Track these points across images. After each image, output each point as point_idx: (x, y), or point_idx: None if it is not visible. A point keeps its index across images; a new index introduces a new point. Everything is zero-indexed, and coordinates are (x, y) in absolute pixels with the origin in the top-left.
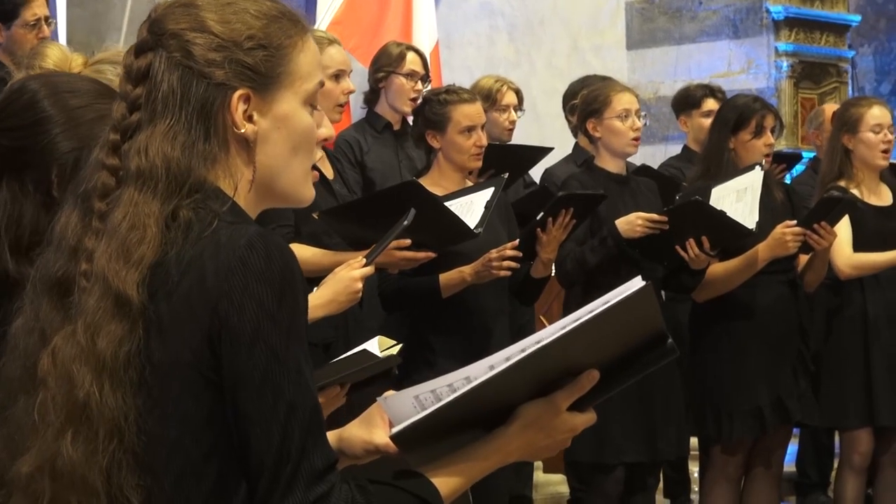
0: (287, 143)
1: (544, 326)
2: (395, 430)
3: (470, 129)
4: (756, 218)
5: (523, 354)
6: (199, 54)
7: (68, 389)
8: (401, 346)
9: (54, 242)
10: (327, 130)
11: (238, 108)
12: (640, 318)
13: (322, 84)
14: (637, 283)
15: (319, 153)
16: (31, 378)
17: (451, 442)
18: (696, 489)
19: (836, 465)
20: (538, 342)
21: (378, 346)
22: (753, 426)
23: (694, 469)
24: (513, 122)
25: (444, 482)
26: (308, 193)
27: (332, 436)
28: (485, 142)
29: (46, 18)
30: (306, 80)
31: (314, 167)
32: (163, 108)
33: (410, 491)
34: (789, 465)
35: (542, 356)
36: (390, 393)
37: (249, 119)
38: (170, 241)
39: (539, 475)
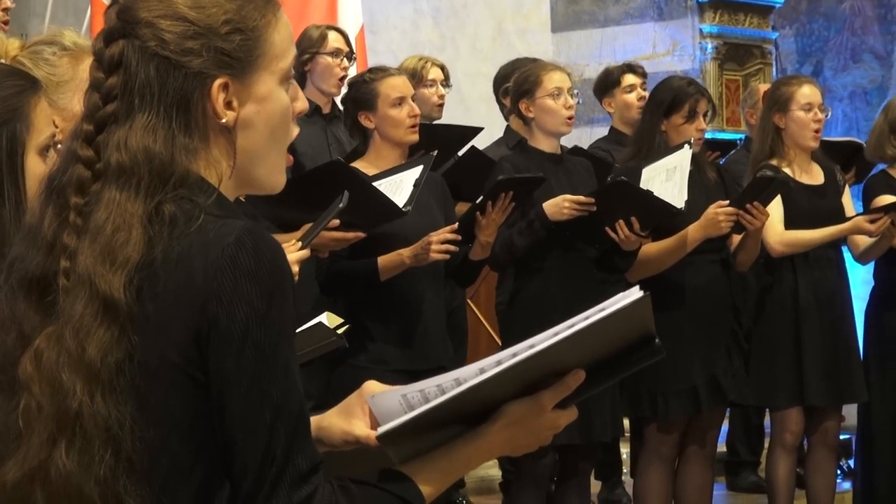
0: (266, 125)
1: (472, 311)
2: (381, 430)
3: (400, 101)
4: (685, 197)
5: (515, 360)
6: (175, 43)
7: (57, 397)
8: (347, 326)
9: (27, 236)
10: (302, 104)
11: (218, 98)
12: (633, 325)
13: (297, 58)
14: (635, 293)
15: (296, 129)
16: (8, 378)
17: (432, 437)
18: (626, 470)
19: (766, 444)
20: (531, 347)
21: (328, 322)
22: (689, 406)
23: (624, 450)
24: (441, 97)
25: (427, 483)
26: (281, 180)
27: (311, 422)
28: (418, 111)
29: None
30: (282, 59)
31: (289, 149)
32: (140, 101)
33: (394, 493)
34: (719, 445)
35: (533, 361)
36: (377, 387)
37: (228, 105)
38: (154, 237)
39: None
